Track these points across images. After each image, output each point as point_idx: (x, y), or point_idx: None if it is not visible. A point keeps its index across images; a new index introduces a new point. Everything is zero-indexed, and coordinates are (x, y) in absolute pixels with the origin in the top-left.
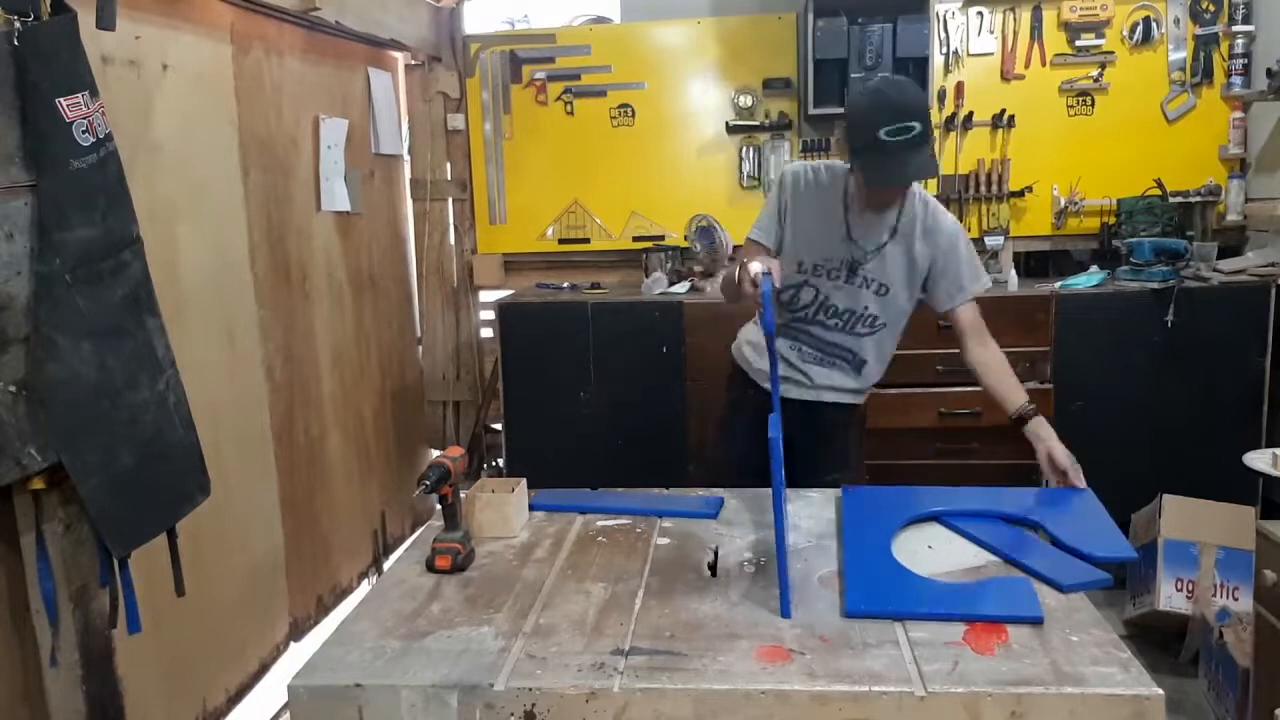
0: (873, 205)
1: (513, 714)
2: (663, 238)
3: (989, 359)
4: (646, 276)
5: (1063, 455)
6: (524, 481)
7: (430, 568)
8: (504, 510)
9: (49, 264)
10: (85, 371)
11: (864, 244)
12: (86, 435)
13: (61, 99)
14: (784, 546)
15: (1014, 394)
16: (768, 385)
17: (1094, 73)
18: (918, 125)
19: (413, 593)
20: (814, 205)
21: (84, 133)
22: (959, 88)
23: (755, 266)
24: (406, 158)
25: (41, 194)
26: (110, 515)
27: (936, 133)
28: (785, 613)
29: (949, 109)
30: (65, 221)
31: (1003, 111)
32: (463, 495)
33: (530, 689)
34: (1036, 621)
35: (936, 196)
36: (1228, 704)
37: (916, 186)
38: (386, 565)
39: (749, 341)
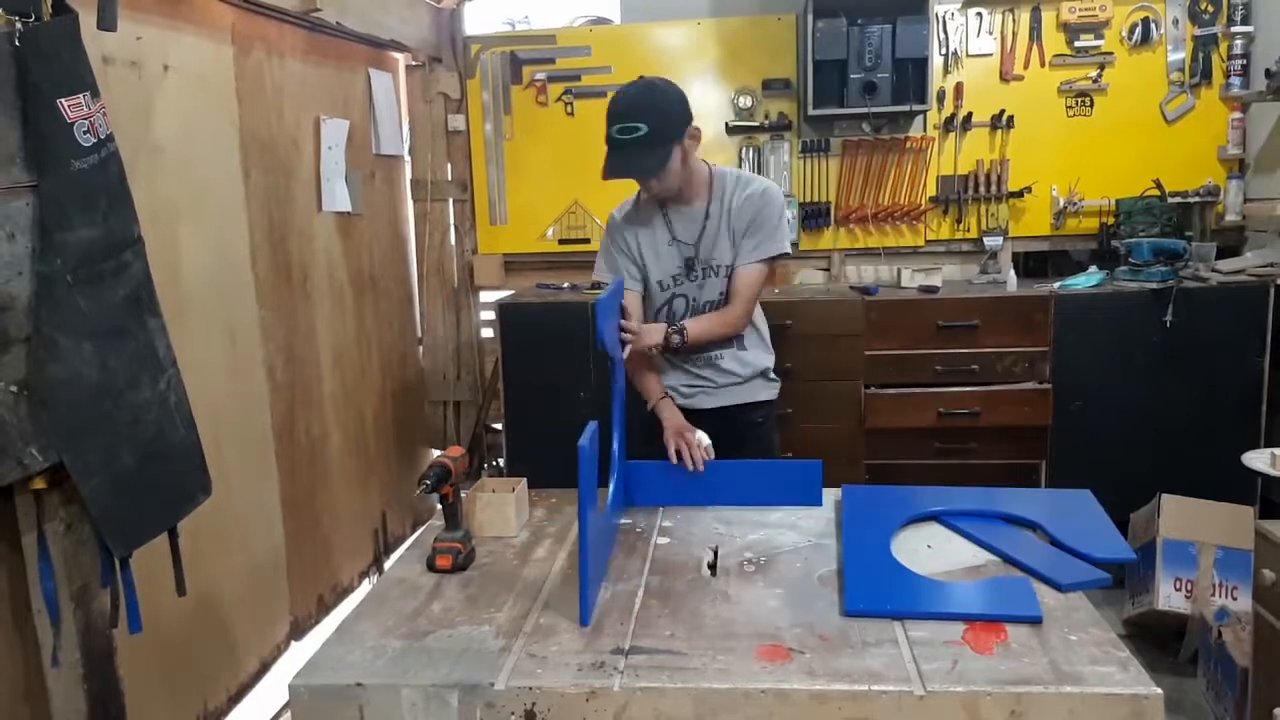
0: (660, 200)
1: (513, 713)
2: None
3: (724, 312)
4: None
5: (637, 326)
6: (524, 482)
7: (431, 567)
8: (504, 510)
9: (50, 264)
10: (87, 372)
11: (688, 239)
12: (88, 435)
13: (63, 99)
14: (587, 553)
15: (697, 322)
16: (678, 401)
17: (1093, 73)
18: (643, 127)
19: (413, 592)
20: (640, 229)
21: (85, 133)
22: (958, 88)
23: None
24: (407, 158)
25: (43, 194)
26: (111, 515)
27: (937, 133)
28: (584, 620)
29: (948, 110)
30: (67, 222)
31: (1002, 112)
32: (463, 495)
33: (531, 688)
34: (1035, 621)
35: (934, 197)
36: (1226, 703)
37: (729, 168)
38: (387, 565)
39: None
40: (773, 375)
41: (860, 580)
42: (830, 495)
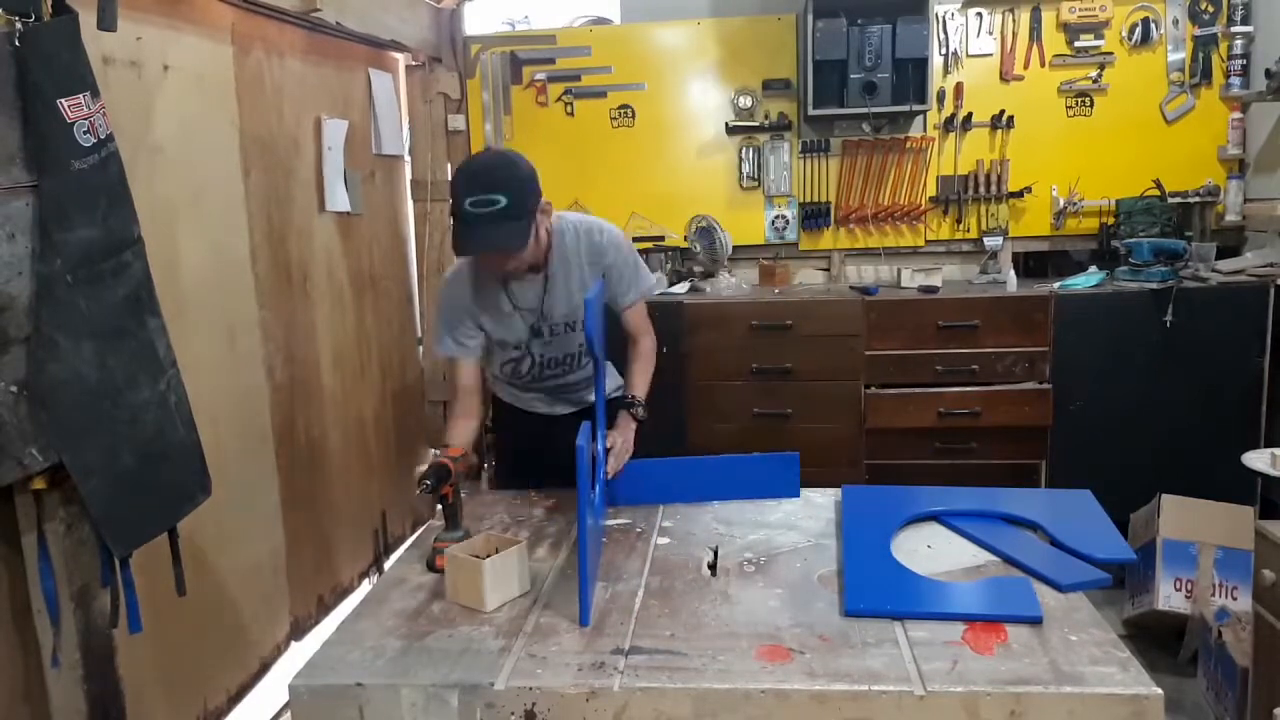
0: (499, 274)
1: (513, 713)
2: (663, 238)
3: (639, 352)
4: None
5: (617, 440)
6: (520, 545)
7: (431, 567)
8: (474, 579)
9: (50, 264)
10: (86, 372)
11: (529, 305)
12: (87, 435)
13: (63, 100)
14: (586, 553)
15: (636, 384)
16: (540, 409)
17: (1093, 73)
18: (502, 199)
19: (413, 592)
20: (479, 296)
21: (85, 133)
22: (958, 88)
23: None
24: (407, 158)
25: (43, 194)
26: (111, 515)
27: (937, 133)
28: (584, 621)
29: (948, 110)
30: (66, 222)
31: (1002, 112)
32: (463, 495)
33: (530, 688)
34: (1035, 621)
35: (934, 197)
36: (1226, 703)
37: (569, 216)
38: (387, 565)
39: (503, 390)
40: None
41: (860, 580)
42: (830, 495)
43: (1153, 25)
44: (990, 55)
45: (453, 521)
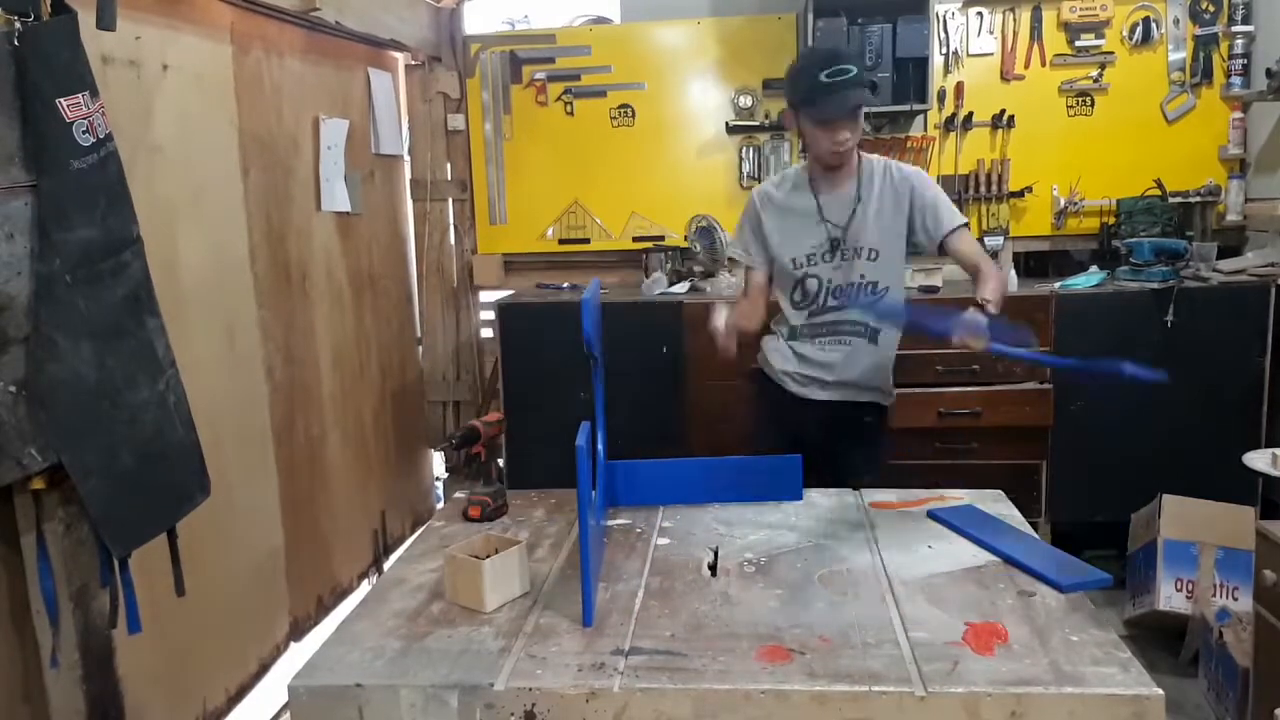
0: (830, 167)
1: (513, 714)
2: (663, 238)
3: (988, 267)
4: (646, 277)
5: (992, 290)
6: (520, 546)
7: (465, 516)
8: (474, 580)
9: (49, 264)
10: (85, 372)
11: (838, 220)
12: (86, 435)
13: (62, 99)
14: (588, 554)
15: (984, 288)
16: (791, 387)
17: (1094, 73)
18: (853, 68)
19: (413, 593)
20: (785, 208)
21: (84, 133)
22: (959, 88)
23: (718, 323)
24: (406, 158)
25: (42, 194)
26: (110, 515)
27: (938, 133)
28: (587, 621)
29: (949, 109)
30: (65, 222)
31: (1002, 112)
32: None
33: (530, 689)
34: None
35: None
36: (1227, 704)
37: (874, 156)
38: (387, 565)
39: (771, 349)
40: (891, 389)
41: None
42: (831, 495)
43: (1153, 25)
44: (991, 55)
45: (486, 478)
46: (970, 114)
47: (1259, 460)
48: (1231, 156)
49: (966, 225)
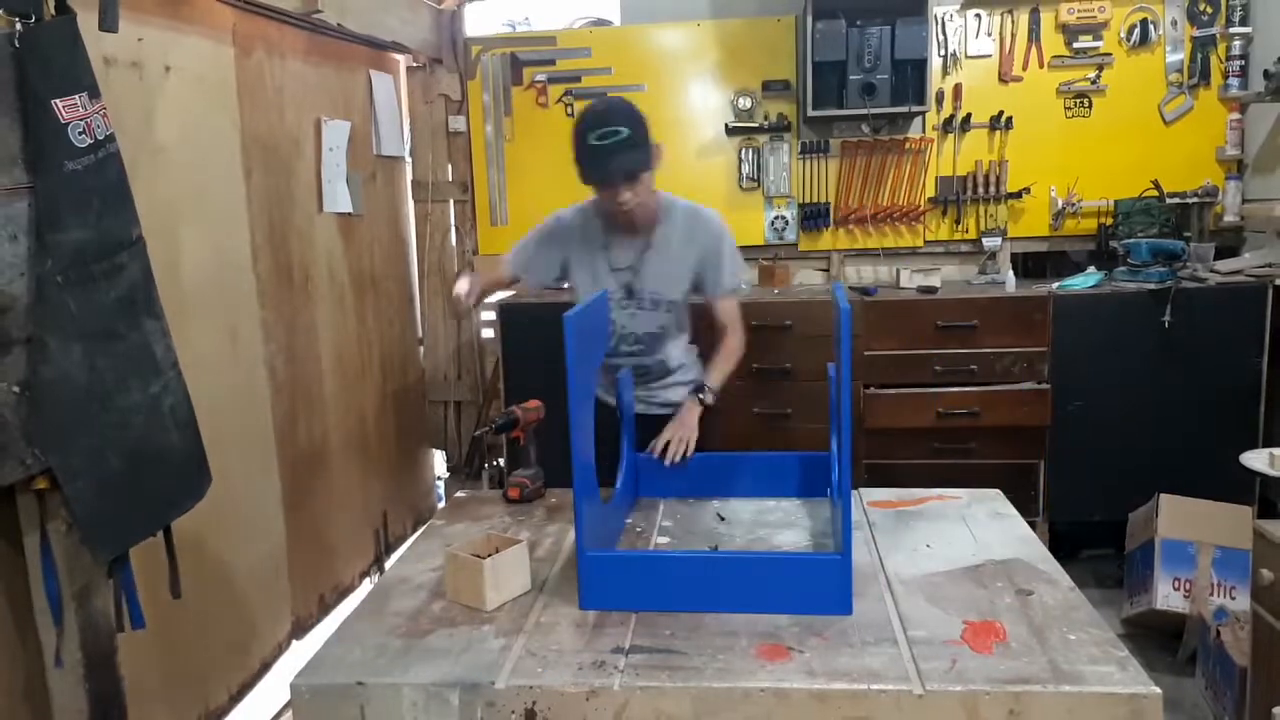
0: (619, 221)
1: (514, 712)
2: None
3: (723, 346)
4: None
5: (675, 430)
6: (522, 544)
7: (506, 498)
8: (475, 579)
9: (41, 265)
10: (75, 374)
11: (626, 265)
12: (74, 437)
13: (57, 100)
14: (583, 544)
15: (712, 373)
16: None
17: (1091, 74)
18: (625, 130)
19: (414, 591)
20: (583, 243)
21: (80, 134)
22: (957, 89)
23: (460, 286)
24: (408, 159)
25: (36, 195)
26: (96, 517)
27: (936, 134)
28: (584, 604)
29: (947, 111)
30: (58, 223)
31: (1000, 113)
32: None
33: (531, 687)
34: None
35: (933, 198)
36: (1225, 702)
37: (680, 200)
38: (388, 564)
39: None
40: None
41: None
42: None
43: (1151, 26)
44: (989, 56)
45: (526, 460)
46: (968, 115)
47: (1256, 460)
48: (1229, 157)
49: (743, 288)
